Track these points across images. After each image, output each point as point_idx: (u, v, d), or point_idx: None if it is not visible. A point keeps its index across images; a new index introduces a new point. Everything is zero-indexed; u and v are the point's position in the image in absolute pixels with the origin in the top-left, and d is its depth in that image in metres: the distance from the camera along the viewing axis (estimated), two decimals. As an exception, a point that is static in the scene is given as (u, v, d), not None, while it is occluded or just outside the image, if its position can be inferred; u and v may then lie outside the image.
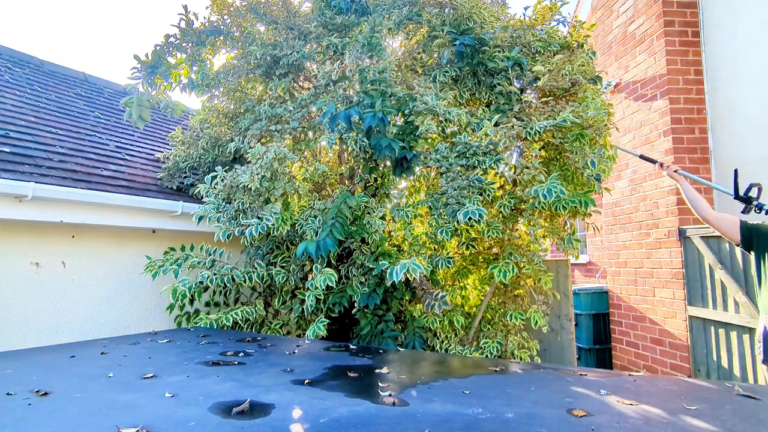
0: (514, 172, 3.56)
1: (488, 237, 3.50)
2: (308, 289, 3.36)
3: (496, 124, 3.34)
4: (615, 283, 5.71)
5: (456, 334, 3.82)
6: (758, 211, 2.70)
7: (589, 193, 3.37)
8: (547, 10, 4.02)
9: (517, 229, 3.89)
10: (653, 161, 3.36)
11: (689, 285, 4.49)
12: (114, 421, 1.38)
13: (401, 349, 3.16)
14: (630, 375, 2.05)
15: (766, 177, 4.07)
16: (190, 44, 4.07)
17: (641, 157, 3.56)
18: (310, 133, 4.12)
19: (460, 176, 3.23)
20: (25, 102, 4.61)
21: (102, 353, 2.41)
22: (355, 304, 3.54)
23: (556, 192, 3.00)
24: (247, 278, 3.50)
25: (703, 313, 4.31)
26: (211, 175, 3.54)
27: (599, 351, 5.94)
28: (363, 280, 3.55)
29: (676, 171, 3.05)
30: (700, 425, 1.34)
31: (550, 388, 1.79)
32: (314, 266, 3.46)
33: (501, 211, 3.43)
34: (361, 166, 4.01)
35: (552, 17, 4.05)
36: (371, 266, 3.45)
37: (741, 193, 2.79)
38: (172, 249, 3.75)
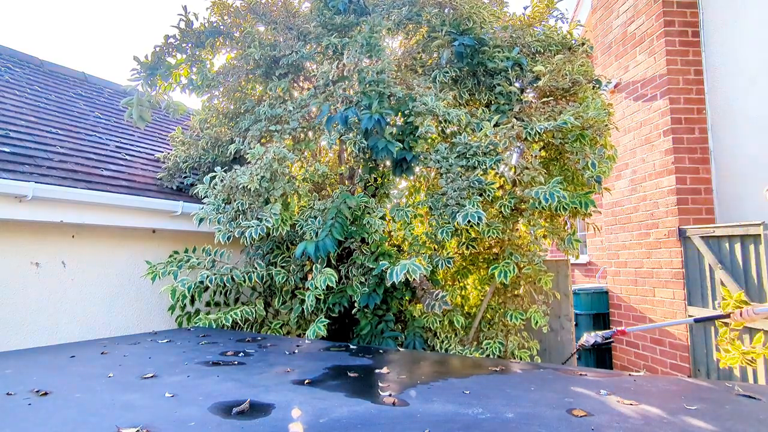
0: (514, 173, 3.55)
1: (488, 237, 3.49)
2: (308, 289, 3.36)
3: (497, 125, 3.34)
4: (615, 283, 5.71)
5: (456, 334, 3.81)
6: None
7: (590, 194, 3.36)
8: (545, 5, 4.02)
9: (517, 229, 3.88)
10: (725, 317, 2.76)
11: (689, 285, 4.49)
12: (114, 421, 1.38)
13: (401, 349, 3.16)
14: (630, 375, 2.05)
15: (766, 177, 4.09)
16: (189, 45, 4.07)
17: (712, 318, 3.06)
18: (310, 134, 4.12)
19: (460, 177, 3.22)
20: (25, 102, 4.61)
21: (102, 353, 2.41)
22: (355, 304, 3.53)
23: (558, 196, 2.99)
24: (246, 278, 3.50)
25: (703, 313, 4.30)
26: (210, 175, 3.54)
27: (599, 351, 5.93)
28: (363, 280, 3.55)
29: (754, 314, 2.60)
30: (700, 425, 1.34)
31: (550, 388, 1.79)
32: (314, 266, 3.45)
33: (501, 212, 3.43)
34: (360, 167, 4.00)
35: (549, 13, 4.04)
36: (371, 266, 3.45)
37: None
38: (176, 252, 3.73)
